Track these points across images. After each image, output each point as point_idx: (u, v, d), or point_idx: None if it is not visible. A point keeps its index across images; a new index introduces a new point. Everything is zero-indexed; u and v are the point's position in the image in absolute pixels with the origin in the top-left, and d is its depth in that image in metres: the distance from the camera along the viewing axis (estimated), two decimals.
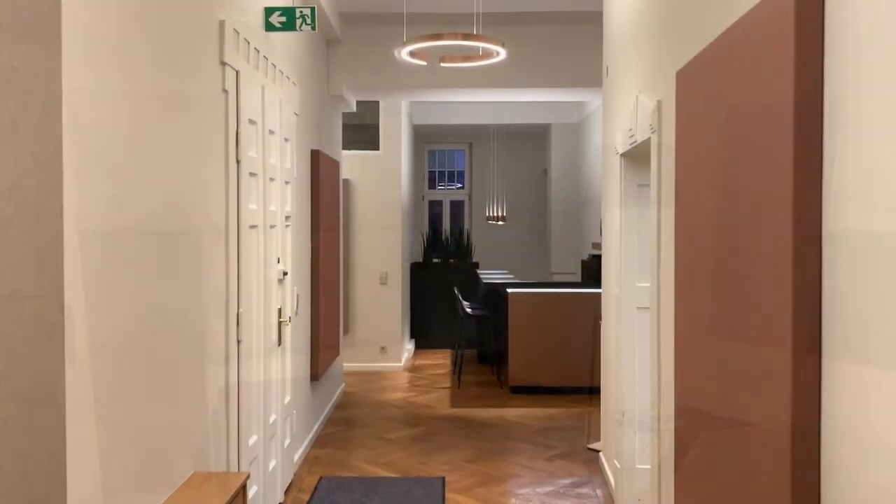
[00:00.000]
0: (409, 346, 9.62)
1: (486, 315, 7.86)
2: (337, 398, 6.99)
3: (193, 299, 3.00)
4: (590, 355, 7.27)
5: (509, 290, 7.39)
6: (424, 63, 4.97)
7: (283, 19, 4.14)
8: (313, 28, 4.19)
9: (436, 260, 10.56)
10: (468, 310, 7.93)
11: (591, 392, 7.30)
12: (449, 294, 9.62)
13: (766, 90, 1.87)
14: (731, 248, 2.12)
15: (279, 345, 4.41)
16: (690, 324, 2.62)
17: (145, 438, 2.52)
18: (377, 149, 8.51)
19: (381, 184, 8.49)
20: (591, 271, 7.66)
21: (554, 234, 10.86)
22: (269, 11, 4.11)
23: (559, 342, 7.31)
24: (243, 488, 2.90)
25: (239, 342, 3.59)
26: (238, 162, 3.56)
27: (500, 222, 9.49)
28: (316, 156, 5.61)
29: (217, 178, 3.32)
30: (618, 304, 4.51)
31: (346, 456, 5.45)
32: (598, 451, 5.44)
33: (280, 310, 4.40)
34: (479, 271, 9.60)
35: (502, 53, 4.53)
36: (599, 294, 7.25)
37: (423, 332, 10.04)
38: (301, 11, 4.18)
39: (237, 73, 3.52)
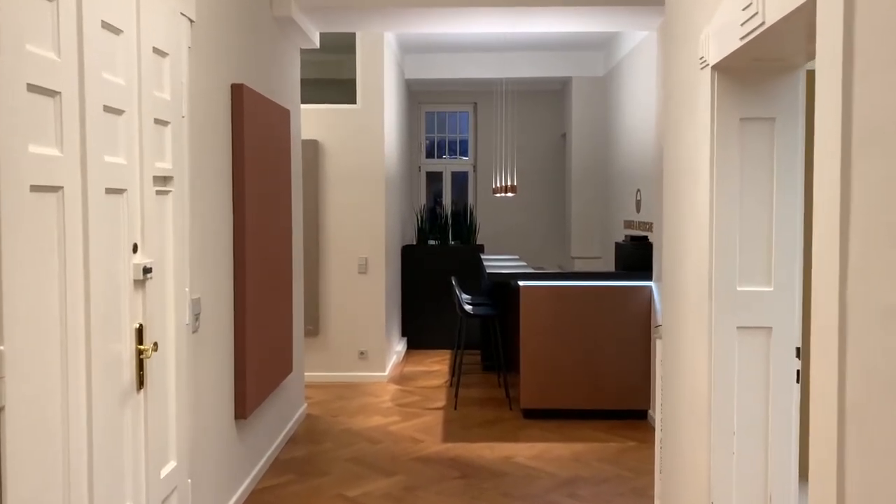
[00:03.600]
0: (399, 347, 7.88)
1: (492, 314, 6.11)
2: (292, 427, 5.26)
3: None
4: (629, 371, 5.52)
5: (521, 284, 5.63)
6: None
7: None
8: None
9: (432, 242, 8.80)
10: (468, 308, 6.17)
11: (631, 416, 5.56)
12: (448, 282, 7.87)
13: None
14: None
15: (140, 388, 2.67)
16: None
17: None
18: (353, 102, 6.72)
19: (359, 146, 6.71)
20: (629, 258, 5.88)
21: (574, 212, 9.06)
22: None
23: (587, 352, 5.56)
24: None
25: (1, 409, 1.85)
26: None
27: (510, 194, 7.70)
28: (238, 93, 3.84)
29: None
30: (699, 319, 2.74)
31: None
32: None
33: (140, 331, 2.66)
34: (483, 256, 7.84)
35: None
36: (643, 288, 5.52)
37: (417, 328, 8.30)
38: None
39: None
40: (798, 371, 2.60)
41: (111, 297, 2.44)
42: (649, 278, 5.56)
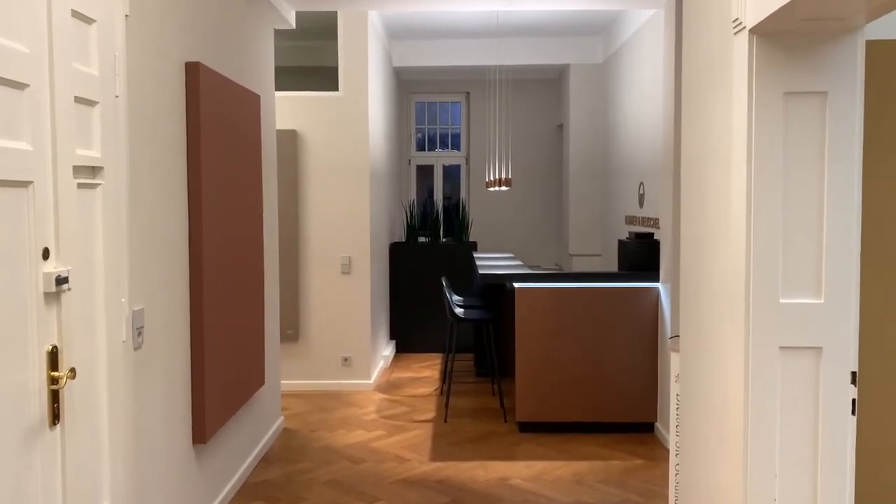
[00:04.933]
0: (386, 351, 7.42)
1: (485, 318, 5.65)
2: (265, 445, 4.80)
3: None
4: (634, 380, 5.06)
5: (517, 285, 5.17)
6: None
7: None
8: None
9: (422, 239, 8.34)
10: (459, 311, 5.71)
11: (636, 430, 5.12)
12: (439, 281, 7.42)
13: None
14: None
15: (55, 424, 2.20)
16: None
17: None
18: (336, 89, 6.24)
19: (342, 137, 6.23)
20: (634, 257, 5.43)
21: (572, 207, 8.60)
22: None
23: (588, 360, 5.10)
24: None
25: None
26: None
27: (504, 188, 7.24)
28: (193, 72, 3.37)
29: None
30: (732, 335, 2.28)
31: None
32: None
33: (54, 354, 2.18)
34: (476, 255, 7.37)
35: None
36: (650, 290, 5.04)
37: (406, 331, 7.84)
38: None
39: None
40: (854, 400, 2.15)
41: (10, 314, 1.98)
42: (656, 279, 5.11)
